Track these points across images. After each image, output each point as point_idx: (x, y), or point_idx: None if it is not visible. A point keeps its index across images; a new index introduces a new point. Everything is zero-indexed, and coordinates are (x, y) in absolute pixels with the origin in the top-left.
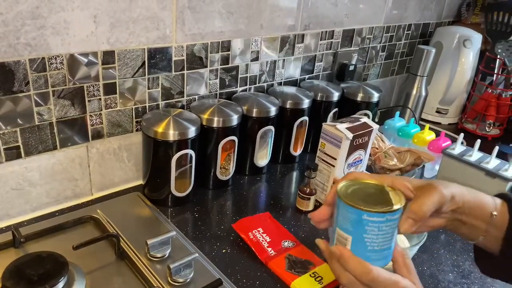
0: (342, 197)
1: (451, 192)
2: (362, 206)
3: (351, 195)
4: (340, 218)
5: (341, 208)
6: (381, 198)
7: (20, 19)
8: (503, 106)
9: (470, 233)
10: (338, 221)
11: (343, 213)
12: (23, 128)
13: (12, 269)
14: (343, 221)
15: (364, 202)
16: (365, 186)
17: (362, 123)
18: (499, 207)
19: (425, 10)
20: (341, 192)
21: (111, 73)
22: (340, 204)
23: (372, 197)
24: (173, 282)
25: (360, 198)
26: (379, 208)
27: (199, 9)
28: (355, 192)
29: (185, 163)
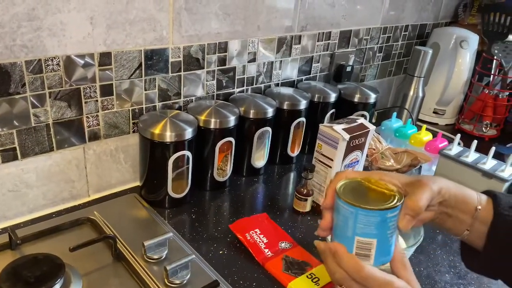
0: (358, 203)
1: (439, 186)
2: (381, 206)
3: (356, 198)
4: (359, 225)
5: (360, 215)
6: (378, 193)
7: (16, 20)
8: (500, 107)
9: (455, 227)
10: (357, 229)
11: (364, 220)
12: (19, 130)
13: (8, 271)
14: (364, 228)
15: (368, 199)
16: (357, 185)
17: (359, 124)
18: (484, 202)
19: (422, 11)
20: (347, 198)
21: (107, 75)
22: (357, 212)
23: (369, 194)
24: (170, 283)
25: (362, 197)
26: (391, 202)
27: (196, 11)
28: (354, 193)
29: (182, 164)
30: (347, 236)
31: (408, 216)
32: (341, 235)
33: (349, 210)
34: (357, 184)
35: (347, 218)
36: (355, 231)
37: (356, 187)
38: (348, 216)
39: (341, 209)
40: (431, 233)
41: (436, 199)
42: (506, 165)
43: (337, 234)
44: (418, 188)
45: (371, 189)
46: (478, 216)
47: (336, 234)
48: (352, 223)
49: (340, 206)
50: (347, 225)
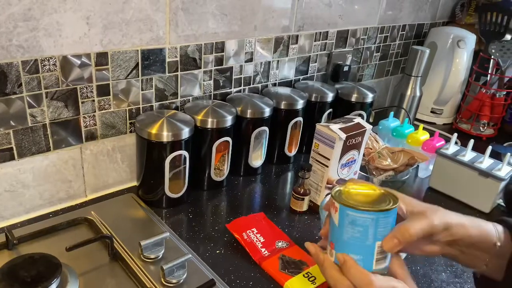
0: (377, 208)
1: (446, 223)
2: (392, 206)
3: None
4: (379, 230)
5: (380, 219)
6: (367, 195)
7: (12, 21)
8: (497, 106)
9: (471, 262)
10: (377, 234)
11: (383, 222)
12: (16, 130)
13: (5, 271)
14: (383, 230)
15: (367, 202)
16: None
17: (355, 124)
18: (501, 236)
19: (420, 11)
20: (363, 206)
21: (104, 75)
22: (378, 216)
23: (361, 198)
24: (166, 283)
25: (363, 201)
26: (391, 199)
27: (193, 11)
28: (355, 199)
29: (179, 164)
30: (367, 245)
31: (395, 240)
32: (359, 246)
33: (368, 217)
34: (345, 191)
35: (366, 227)
36: (376, 237)
37: (348, 193)
38: (368, 224)
39: (357, 220)
40: None
41: (443, 236)
42: (502, 164)
43: (351, 247)
44: (417, 216)
45: (358, 194)
46: (497, 251)
47: (349, 248)
48: (373, 230)
49: (356, 217)
50: (367, 233)
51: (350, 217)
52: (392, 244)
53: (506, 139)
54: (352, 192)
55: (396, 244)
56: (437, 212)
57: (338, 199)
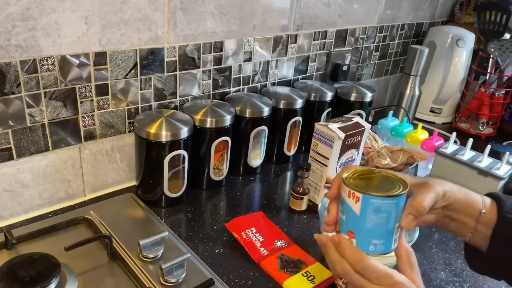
0: (396, 193)
1: (443, 189)
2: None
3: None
4: (400, 212)
5: (401, 202)
6: (377, 179)
7: (10, 20)
8: (496, 105)
9: (459, 229)
10: (398, 216)
11: (403, 204)
12: (15, 130)
13: (4, 271)
14: (402, 212)
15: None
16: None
17: (354, 123)
18: (488, 205)
19: (418, 10)
20: (383, 193)
21: (103, 74)
22: (399, 200)
23: (374, 182)
24: (165, 282)
25: (376, 186)
26: (401, 181)
27: (191, 10)
28: (369, 185)
29: (178, 163)
30: (389, 229)
31: (411, 216)
32: (382, 231)
33: (392, 203)
34: (361, 177)
35: (390, 211)
36: (396, 219)
37: (362, 180)
38: (391, 209)
39: (382, 207)
40: (426, 231)
41: (440, 203)
42: (501, 163)
43: (375, 233)
44: (424, 189)
45: (367, 179)
46: (482, 219)
47: (373, 234)
48: (395, 213)
49: (381, 204)
50: (390, 218)
51: (374, 205)
52: (409, 221)
53: (505, 138)
54: (360, 178)
55: (412, 220)
56: (434, 180)
57: (357, 188)
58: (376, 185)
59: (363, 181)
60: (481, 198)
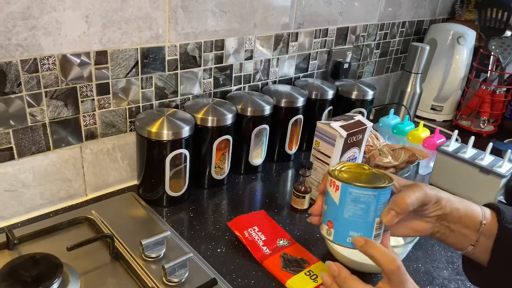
0: (378, 185)
1: (437, 195)
2: (390, 181)
3: (365, 180)
4: (380, 206)
5: (381, 195)
6: (363, 174)
7: (11, 19)
8: (498, 103)
9: (458, 241)
10: (378, 210)
11: (383, 198)
12: (15, 130)
13: (6, 271)
14: (382, 206)
15: (366, 179)
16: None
17: (356, 121)
18: (488, 216)
19: (419, 7)
20: (364, 183)
21: (104, 73)
22: (379, 192)
23: (361, 176)
24: (168, 282)
25: (363, 178)
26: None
27: (192, 8)
28: (355, 177)
29: (180, 162)
30: (368, 222)
31: (392, 212)
32: (360, 223)
33: (371, 194)
34: (347, 170)
35: (369, 203)
36: (376, 213)
37: (348, 173)
38: (371, 200)
39: (360, 197)
40: None
41: (433, 210)
42: (503, 161)
43: (352, 225)
44: (411, 188)
45: (353, 173)
46: (483, 231)
47: (350, 225)
48: (374, 206)
49: (359, 194)
50: (368, 210)
51: (353, 194)
52: (390, 217)
53: (507, 135)
54: (347, 171)
55: (393, 216)
56: (428, 185)
57: (338, 177)
58: (360, 178)
59: (348, 174)
60: (480, 209)
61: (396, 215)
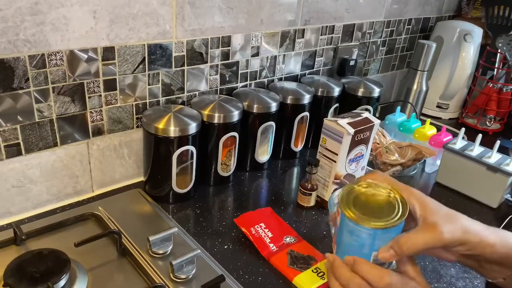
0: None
1: (460, 239)
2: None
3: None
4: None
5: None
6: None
7: (19, 15)
8: (504, 101)
9: (488, 274)
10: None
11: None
12: (23, 125)
13: (14, 267)
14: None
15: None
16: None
17: (363, 118)
18: None
19: (426, 4)
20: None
21: (111, 69)
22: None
23: (371, 203)
24: (176, 278)
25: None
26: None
27: (199, 5)
28: (359, 204)
29: (186, 159)
30: (363, 253)
31: (392, 251)
32: (355, 253)
33: (366, 232)
34: (355, 192)
35: (364, 238)
36: (373, 248)
37: (356, 196)
38: (365, 237)
39: (355, 231)
40: None
41: (459, 249)
42: (510, 159)
43: (349, 252)
44: (425, 229)
45: (368, 196)
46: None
47: (347, 252)
48: (370, 242)
49: (354, 228)
50: (363, 244)
51: (349, 226)
52: (388, 255)
53: None
54: (362, 193)
55: (392, 255)
56: (454, 223)
57: (342, 204)
58: (368, 205)
59: (358, 198)
60: None
61: (395, 255)
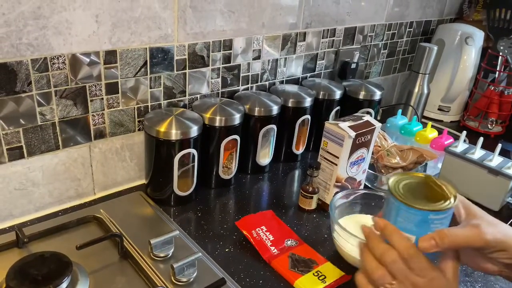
0: (402, 198)
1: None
2: (425, 206)
3: (406, 193)
4: (400, 219)
5: (402, 210)
6: (433, 191)
7: (22, 19)
8: (506, 104)
9: None
10: (398, 222)
11: (405, 215)
12: (25, 128)
13: (16, 269)
14: (404, 222)
15: (420, 198)
16: (412, 179)
17: (364, 121)
18: None
19: (427, 7)
20: (396, 192)
21: (113, 73)
22: (400, 206)
23: (424, 191)
24: (177, 281)
25: (414, 195)
26: (440, 204)
27: (201, 8)
28: (406, 187)
29: (188, 162)
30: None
31: (433, 241)
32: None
33: (394, 203)
34: (419, 180)
35: (390, 209)
36: (396, 224)
37: (417, 183)
38: (392, 207)
39: (388, 199)
40: None
41: (500, 257)
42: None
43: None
44: (468, 227)
45: (430, 188)
46: None
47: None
48: (394, 215)
49: (389, 197)
50: (390, 215)
51: (387, 193)
52: (428, 245)
53: None
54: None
55: (432, 245)
56: (496, 227)
57: (392, 187)
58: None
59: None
60: None
61: (435, 246)
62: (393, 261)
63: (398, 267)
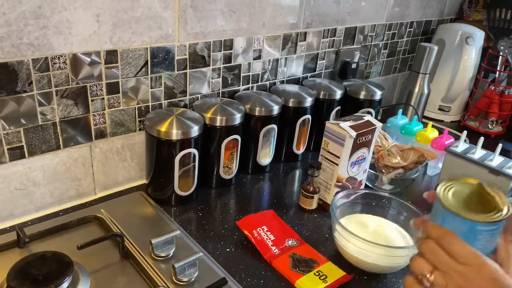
0: (449, 207)
1: None
2: (473, 217)
3: (454, 202)
4: (447, 226)
5: (449, 218)
6: (484, 200)
7: (23, 19)
8: (506, 104)
9: None
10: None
11: (452, 223)
12: (26, 128)
13: (17, 269)
14: (452, 230)
15: (470, 207)
16: (463, 187)
17: (365, 121)
18: None
19: (427, 7)
20: (445, 200)
21: (114, 73)
22: (446, 214)
23: (474, 199)
24: (178, 281)
25: (464, 203)
26: (491, 216)
27: (202, 8)
28: (456, 195)
29: (189, 162)
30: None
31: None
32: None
33: (440, 208)
34: (470, 187)
35: (437, 213)
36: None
37: (461, 189)
38: (438, 213)
39: (435, 205)
40: None
41: None
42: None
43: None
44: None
45: (482, 196)
46: None
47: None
48: (440, 221)
49: (437, 202)
50: (436, 222)
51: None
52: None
53: None
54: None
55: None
56: None
57: (441, 193)
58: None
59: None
60: None
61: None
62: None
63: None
